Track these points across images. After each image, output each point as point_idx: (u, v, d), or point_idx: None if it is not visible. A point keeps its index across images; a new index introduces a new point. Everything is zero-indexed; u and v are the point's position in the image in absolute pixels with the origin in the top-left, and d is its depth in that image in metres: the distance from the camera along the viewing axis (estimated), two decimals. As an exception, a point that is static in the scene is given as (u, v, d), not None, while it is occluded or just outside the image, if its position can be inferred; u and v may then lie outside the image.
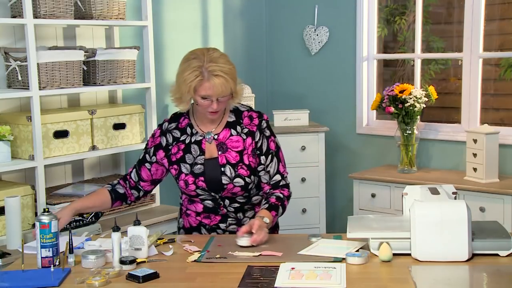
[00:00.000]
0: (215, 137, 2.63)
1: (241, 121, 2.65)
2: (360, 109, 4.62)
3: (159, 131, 2.70)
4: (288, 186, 2.69)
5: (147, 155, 2.70)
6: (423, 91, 4.10)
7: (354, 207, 4.22)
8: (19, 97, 3.38)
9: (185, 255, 2.35)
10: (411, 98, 4.01)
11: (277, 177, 2.66)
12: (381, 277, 2.12)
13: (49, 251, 2.23)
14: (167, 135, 2.67)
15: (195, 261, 2.28)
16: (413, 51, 4.47)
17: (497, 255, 2.23)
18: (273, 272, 2.12)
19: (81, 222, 3.10)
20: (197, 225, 2.68)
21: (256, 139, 2.63)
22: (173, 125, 2.69)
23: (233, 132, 2.63)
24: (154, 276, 2.11)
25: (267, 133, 2.66)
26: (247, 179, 2.59)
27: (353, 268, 2.17)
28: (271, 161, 2.65)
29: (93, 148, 3.53)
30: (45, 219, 2.24)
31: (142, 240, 2.29)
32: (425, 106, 4.08)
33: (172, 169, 2.65)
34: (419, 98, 4.03)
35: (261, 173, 2.64)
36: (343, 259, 2.23)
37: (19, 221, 3.01)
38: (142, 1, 3.78)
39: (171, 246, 2.43)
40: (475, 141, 3.80)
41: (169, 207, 3.80)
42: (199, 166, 2.60)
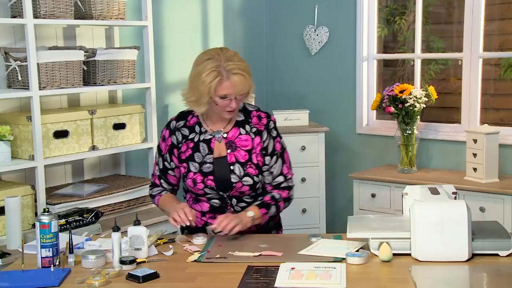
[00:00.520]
0: (224, 135, 2.63)
1: (250, 120, 2.66)
2: (360, 109, 4.62)
3: (168, 131, 2.69)
4: (290, 188, 2.69)
5: (166, 163, 2.70)
6: (423, 91, 4.10)
7: (354, 207, 4.22)
8: (19, 97, 3.38)
9: (185, 255, 2.35)
10: (411, 98, 4.01)
11: (280, 179, 2.66)
12: (381, 277, 2.12)
13: (49, 251, 2.23)
14: (176, 133, 2.67)
15: (195, 261, 2.28)
16: (413, 51, 4.47)
17: (497, 255, 2.23)
18: (273, 272, 2.12)
19: (81, 222, 3.10)
20: (202, 226, 2.68)
21: (263, 139, 2.63)
22: (181, 123, 2.68)
23: (242, 131, 2.64)
24: (154, 276, 2.11)
25: (274, 133, 2.67)
26: (255, 178, 2.60)
27: (353, 268, 2.17)
28: (276, 162, 2.65)
29: (93, 148, 3.53)
30: (45, 219, 2.23)
31: (142, 240, 2.29)
32: (425, 106, 4.08)
33: (181, 167, 2.66)
34: (419, 98, 4.03)
35: (265, 174, 2.65)
36: (343, 259, 2.23)
37: (19, 221, 3.01)
38: (142, 1, 3.78)
39: (171, 246, 2.43)
40: (475, 141, 3.80)
41: (169, 207, 3.79)
42: (208, 165, 2.60)
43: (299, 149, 4.32)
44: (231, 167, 2.59)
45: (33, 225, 2.92)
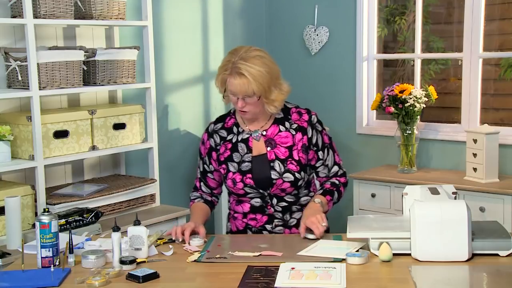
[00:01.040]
0: (263, 133, 2.65)
1: (290, 117, 2.68)
2: (360, 109, 4.61)
3: (206, 134, 2.73)
4: (345, 174, 2.77)
5: (206, 166, 2.74)
6: (423, 91, 4.10)
7: (354, 207, 4.22)
8: (19, 97, 3.38)
9: (185, 255, 2.35)
10: (411, 98, 4.01)
11: (335, 168, 2.73)
12: (381, 277, 2.12)
13: (49, 251, 2.23)
14: (214, 136, 2.70)
15: (195, 261, 2.28)
16: (413, 51, 4.47)
17: (497, 255, 2.23)
18: (273, 272, 2.12)
19: (81, 222, 3.10)
20: (243, 228, 2.69)
21: (309, 135, 2.65)
22: (219, 125, 2.71)
23: (282, 128, 2.65)
24: (154, 276, 2.11)
25: (319, 128, 2.70)
26: (297, 175, 2.60)
27: (353, 268, 2.17)
28: (328, 154, 2.70)
29: (93, 148, 3.53)
30: (45, 219, 2.24)
31: (142, 240, 2.29)
32: (425, 106, 4.08)
33: (220, 169, 2.68)
34: (419, 98, 4.03)
35: (320, 168, 2.69)
36: (343, 259, 2.23)
37: (19, 221, 3.01)
38: (142, 1, 3.78)
39: (171, 246, 2.43)
40: (475, 141, 3.80)
41: (169, 207, 3.80)
42: (246, 163, 2.62)
43: (299, 149, 4.32)
44: (271, 164, 2.60)
45: (33, 225, 2.93)
